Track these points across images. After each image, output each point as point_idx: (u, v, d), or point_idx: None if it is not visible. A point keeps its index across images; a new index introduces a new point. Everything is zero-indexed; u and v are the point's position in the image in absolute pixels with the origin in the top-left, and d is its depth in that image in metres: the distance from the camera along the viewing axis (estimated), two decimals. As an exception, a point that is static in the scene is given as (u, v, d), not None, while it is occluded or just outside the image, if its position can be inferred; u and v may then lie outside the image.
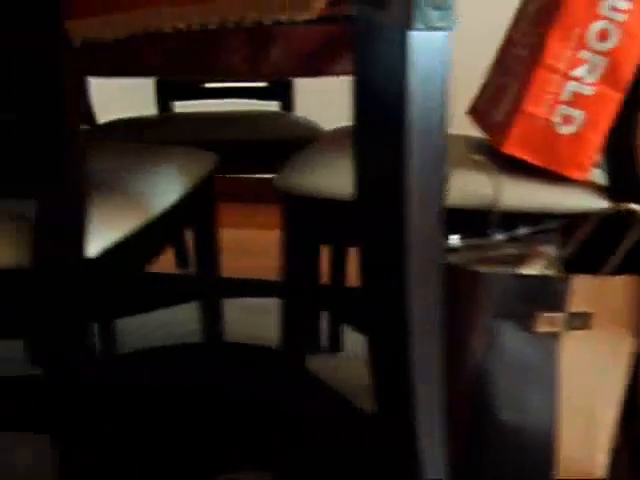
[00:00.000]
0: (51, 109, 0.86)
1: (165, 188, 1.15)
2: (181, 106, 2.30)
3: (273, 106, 2.28)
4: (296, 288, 1.27)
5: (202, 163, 1.34)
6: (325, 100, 2.72)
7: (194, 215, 1.35)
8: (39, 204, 0.87)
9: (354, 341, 1.85)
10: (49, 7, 0.82)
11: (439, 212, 0.94)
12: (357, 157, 1.00)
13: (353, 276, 1.89)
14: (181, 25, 0.81)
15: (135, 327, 1.99)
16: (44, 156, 0.86)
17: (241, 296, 2.15)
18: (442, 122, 0.91)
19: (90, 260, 0.93)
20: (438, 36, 0.88)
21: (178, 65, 2.03)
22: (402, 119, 0.88)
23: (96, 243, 0.94)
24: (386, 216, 0.96)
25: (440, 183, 0.94)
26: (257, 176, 2.76)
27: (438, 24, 0.87)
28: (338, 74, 2.05)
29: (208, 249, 1.43)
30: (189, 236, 2.38)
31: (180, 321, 2.00)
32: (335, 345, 1.85)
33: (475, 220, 1.14)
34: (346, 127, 1.59)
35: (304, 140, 1.69)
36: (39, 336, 0.99)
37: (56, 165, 0.85)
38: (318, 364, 1.70)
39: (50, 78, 0.85)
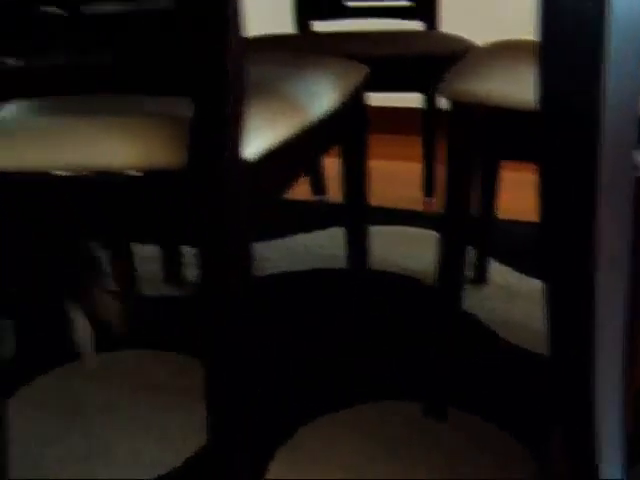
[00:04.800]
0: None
1: (322, 95, 1.10)
2: (319, 26, 2.21)
3: (417, 26, 2.17)
4: (452, 220, 1.18)
5: (356, 73, 1.28)
6: (469, 18, 2.59)
7: (346, 130, 1.28)
8: (197, 102, 0.81)
9: (499, 273, 1.77)
10: None
11: (633, 121, 0.83)
12: (544, 69, 0.89)
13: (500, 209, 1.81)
14: None
15: (280, 249, 1.98)
16: (206, 52, 0.79)
17: (386, 224, 2.10)
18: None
19: (247, 162, 0.87)
20: None
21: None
22: (600, 24, 0.76)
23: (255, 144, 0.87)
24: (575, 128, 0.85)
25: (637, 89, 0.83)
26: (404, 106, 2.67)
27: None
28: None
29: (357, 173, 1.36)
30: (325, 164, 2.36)
31: (325, 246, 1.99)
32: (481, 277, 1.75)
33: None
34: (503, 41, 1.48)
35: (459, 54, 1.58)
36: (186, 242, 0.93)
37: (218, 62, 0.78)
38: (463, 296, 1.63)
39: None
